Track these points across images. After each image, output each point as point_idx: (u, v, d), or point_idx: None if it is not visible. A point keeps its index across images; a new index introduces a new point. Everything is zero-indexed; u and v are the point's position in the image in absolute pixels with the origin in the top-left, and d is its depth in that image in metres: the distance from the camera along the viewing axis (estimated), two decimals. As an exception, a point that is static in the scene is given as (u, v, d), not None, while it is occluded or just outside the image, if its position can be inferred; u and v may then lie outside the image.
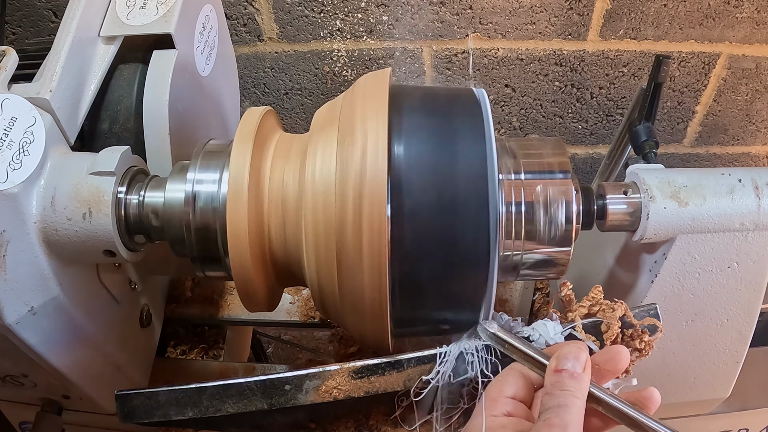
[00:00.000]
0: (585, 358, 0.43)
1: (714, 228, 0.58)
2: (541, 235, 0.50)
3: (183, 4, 0.62)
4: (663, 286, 0.61)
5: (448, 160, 0.47)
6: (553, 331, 0.49)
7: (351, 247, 0.46)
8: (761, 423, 0.85)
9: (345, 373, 0.50)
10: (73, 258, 0.54)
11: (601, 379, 0.46)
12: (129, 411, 0.51)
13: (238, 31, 1.11)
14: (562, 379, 0.42)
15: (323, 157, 0.49)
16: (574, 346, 0.44)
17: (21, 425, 0.82)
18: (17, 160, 0.50)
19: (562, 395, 0.41)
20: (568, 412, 0.40)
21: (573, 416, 0.40)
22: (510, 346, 0.47)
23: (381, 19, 1.10)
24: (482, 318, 0.50)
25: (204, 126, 0.71)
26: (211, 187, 0.52)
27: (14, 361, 0.61)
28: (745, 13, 1.11)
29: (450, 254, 0.47)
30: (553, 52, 1.15)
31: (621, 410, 0.42)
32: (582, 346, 0.44)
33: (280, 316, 0.83)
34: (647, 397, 0.44)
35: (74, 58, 0.57)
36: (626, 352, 0.46)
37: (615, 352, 0.46)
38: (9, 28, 1.10)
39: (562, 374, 0.42)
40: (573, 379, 0.42)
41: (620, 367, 0.46)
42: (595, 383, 0.43)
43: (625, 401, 0.43)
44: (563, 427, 0.40)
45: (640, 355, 0.50)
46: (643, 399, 0.44)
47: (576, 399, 0.41)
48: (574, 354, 0.43)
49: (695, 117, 1.27)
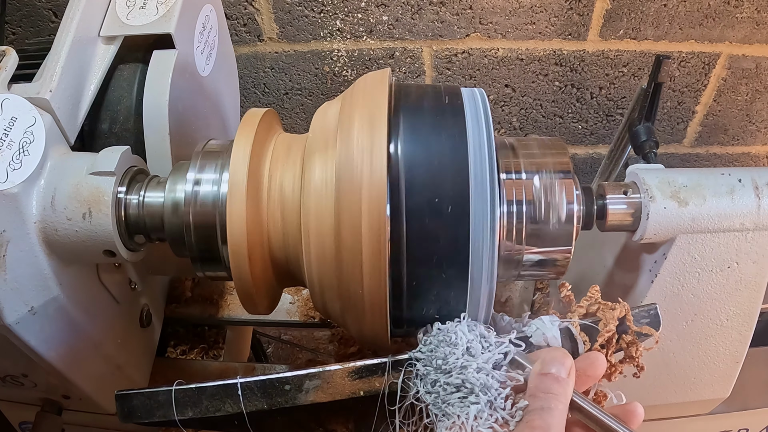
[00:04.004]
0: (570, 364, 0.43)
1: (714, 228, 0.58)
2: (541, 235, 0.50)
3: (183, 4, 0.62)
4: (663, 286, 0.61)
5: (446, 159, 0.47)
6: (550, 324, 0.50)
7: (351, 247, 0.46)
8: (761, 423, 0.85)
9: (345, 373, 0.50)
10: (73, 258, 0.54)
11: (580, 386, 0.46)
12: (129, 411, 0.51)
13: (238, 31, 1.11)
14: (547, 382, 0.42)
15: (323, 157, 0.49)
16: (559, 351, 0.44)
17: (21, 425, 0.82)
18: (17, 160, 0.50)
19: (546, 398, 0.41)
20: (551, 414, 0.40)
21: (556, 419, 0.40)
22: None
23: (381, 19, 1.10)
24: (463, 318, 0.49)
25: (204, 126, 0.71)
26: (211, 187, 0.52)
27: (14, 361, 0.61)
28: (745, 13, 1.11)
29: (449, 254, 0.47)
30: (553, 52, 1.15)
31: (603, 421, 0.42)
32: (567, 353, 0.44)
33: (280, 316, 0.83)
34: (631, 410, 0.44)
35: (74, 58, 0.57)
36: (603, 360, 0.46)
37: (594, 358, 0.46)
38: (9, 28, 1.10)
39: (547, 377, 0.42)
40: (557, 383, 0.42)
41: (598, 373, 0.46)
42: (578, 392, 0.43)
43: (607, 413, 0.43)
44: (546, 429, 0.39)
45: (630, 362, 0.50)
46: (627, 413, 0.44)
47: (559, 403, 0.41)
48: (559, 359, 0.43)
49: (695, 117, 1.27)
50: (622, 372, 0.49)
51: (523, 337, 0.50)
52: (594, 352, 0.48)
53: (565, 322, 0.50)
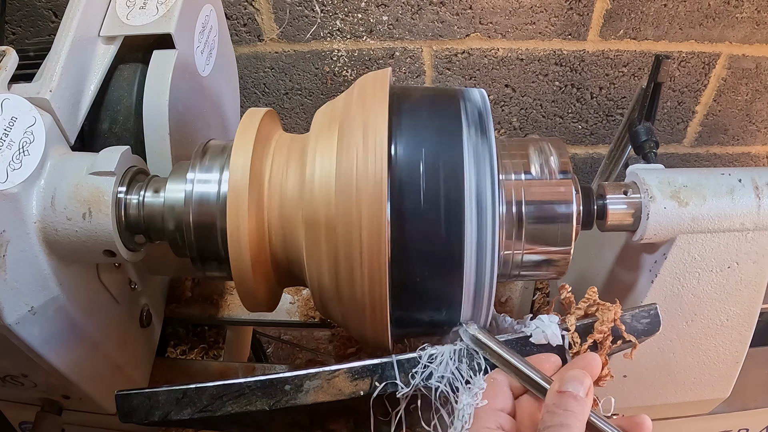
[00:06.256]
0: (588, 384, 0.44)
1: (714, 228, 0.57)
2: (542, 235, 0.50)
3: (183, 4, 0.62)
4: (663, 286, 0.61)
5: (445, 160, 0.47)
6: (549, 322, 0.50)
7: (351, 248, 0.46)
8: (761, 423, 0.85)
9: (345, 373, 0.50)
10: (73, 258, 0.54)
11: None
12: (129, 411, 0.51)
13: (238, 31, 1.11)
14: (566, 399, 0.42)
15: (323, 157, 0.49)
16: (579, 371, 0.44)
17: (21, 425, 0.82)
18: (17, 160, 0.50)
19: (565, 415, 0.42)
20: (570, 431, 0.41)
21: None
22: (490, 350, 0.48)
23: (381, 19, 1.10)
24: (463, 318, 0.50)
25: (204, 126, 0.71)
26: (211, 187, 0.52)
27: (14, 361, 0.61)
28: (745, 13, 1.11)
29: (449, 254, 0.47)
30: (553, 52, 1.15)
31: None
32: (586, 373, 0.44)
33: (280, 316, 0.83)
34: (639, 423, 0.44)
35: (74, 58, 0.57)
36: (598, 360, 0.47)
37: (590, 359, 0.47)
38: (9, 28, 1.10)
39: (566, 395, 0.43)
40: (576, 401, 0.42)
41: (593, 374, 0.46)
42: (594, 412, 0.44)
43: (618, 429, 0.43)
44: None
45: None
46: (635, 426, 0.44)
47: (577, 421, 0.41)
48: (578, 379, 0.43)
49: (695, 117, 1.27)
50: (612, 377, 0.49)
51: (524, 336, 0.50)
52: (590, 353, 0.48)
53: (563, 330, 0.50)
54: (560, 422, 0.41)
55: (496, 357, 0.47)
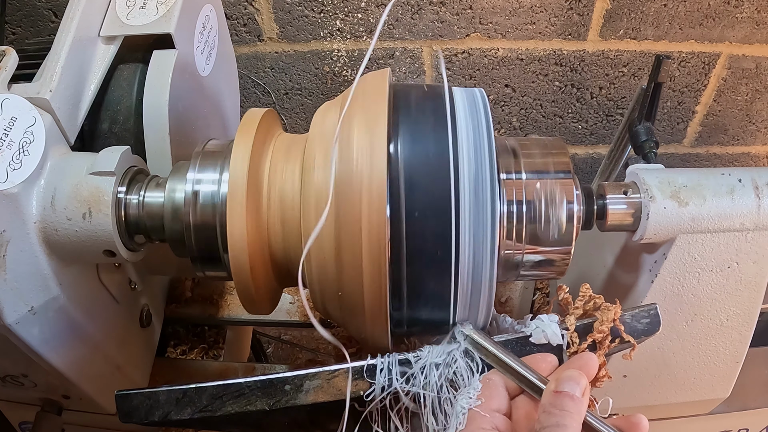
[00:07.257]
0: (585, 384, 0.43)
1: (714, 228, 0.58)
2: (542, 234, 0.50)
3: (183, 4, 0.62)
4: (663, 286, 0.61)
5: (445, 160, 0.47)
6: (548, 321, 0.50)
7: (351, 248, 0.46)
8: (761, 423, 0.85)
9: (345, 373, 0.50)
10: (73, 258, 0.54)
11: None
12: (129, 411, 0.51)
13: (238, 31, 1.11)
14: (562, 399, 0.42)
15: (323, 157, 0.49)
16: (575, 371, 0.44)
17: (21, 425, 0.82)
18: (17, 160, 0.50)
19: (561, 415, 0.42)
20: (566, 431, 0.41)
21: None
22: (486, 351, 0.48)
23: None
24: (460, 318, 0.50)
25: (204, 126, 0.71)
26: (211, 187, 0.52)
27: (14, 361, 0.61)
28: (745, 13, 1.11)
29: (449, 255, 0.47)
30: (553, 52, 1.15)
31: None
32: (582, 373, 0.44)
33: (280, 316, 0.83)
34: (635, 423, 0.44)
35: (74, 58, 0.57)
36: (595, 360, 0.46)
37: (587, 358, 0.47)
38: (9, 28, 1.10)
39: (562, 395, 0.43)
40: (572, 401, 0.42)
41: (590, 374, 0.46)
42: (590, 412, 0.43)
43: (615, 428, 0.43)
44: None
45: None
46: (632, 425, 0.44)
47: (573, 421, 0.41)
48: (575, 379, 0.43)
49: (695, 117, 1.27)
50: (610, 377, 0.49)
51: (524, 336, 0.50)
52: (587, 353, 0.48)
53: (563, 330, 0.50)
54: (556, 422, 0.41)
55: (492, 357, 0.47)
